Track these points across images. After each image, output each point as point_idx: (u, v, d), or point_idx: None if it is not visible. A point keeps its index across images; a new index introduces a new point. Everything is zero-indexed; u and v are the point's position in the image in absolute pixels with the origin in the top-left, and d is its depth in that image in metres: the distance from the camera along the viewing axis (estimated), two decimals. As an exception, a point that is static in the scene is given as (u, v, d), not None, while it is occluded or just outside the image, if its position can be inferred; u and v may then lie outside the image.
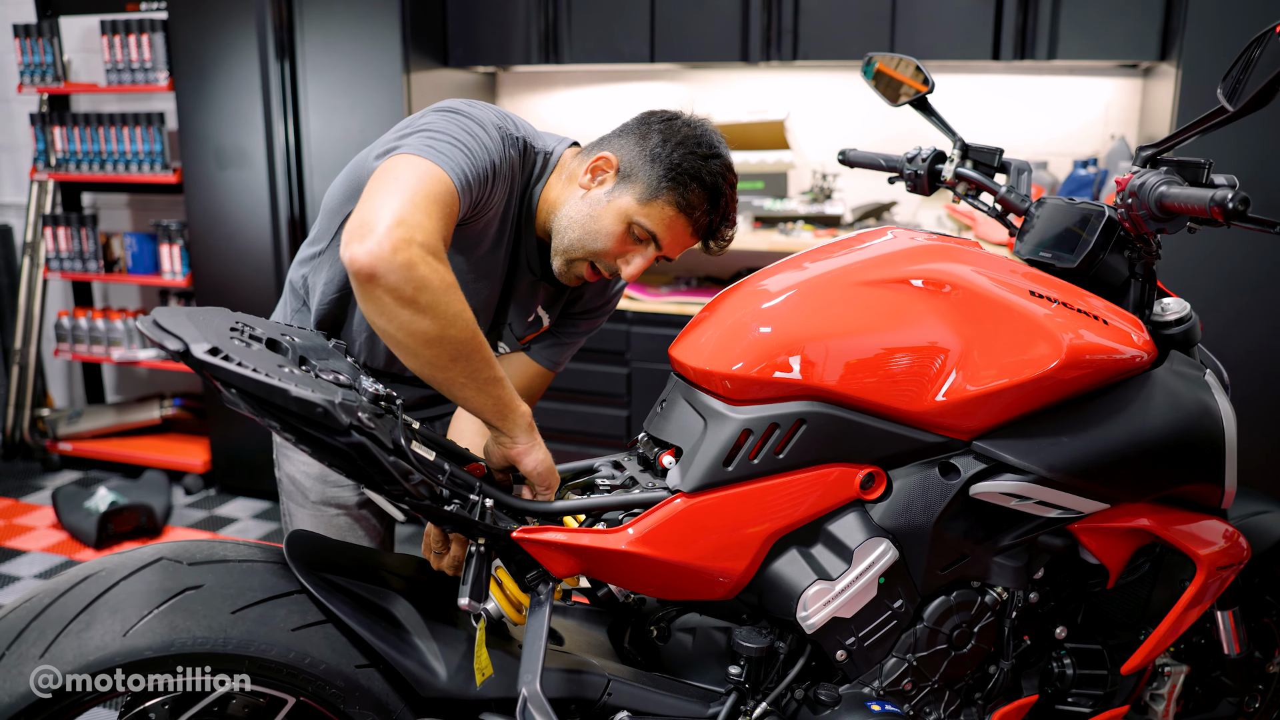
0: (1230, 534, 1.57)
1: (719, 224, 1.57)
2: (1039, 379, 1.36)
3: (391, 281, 1.22)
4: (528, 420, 1.37)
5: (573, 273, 1.60)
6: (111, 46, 4.10)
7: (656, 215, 1.52)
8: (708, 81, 3.93)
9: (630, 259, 1.55)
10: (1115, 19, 3.09)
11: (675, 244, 1.56)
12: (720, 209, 1.55)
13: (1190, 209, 1.33)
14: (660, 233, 1.53)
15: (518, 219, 1.63)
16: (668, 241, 1.54)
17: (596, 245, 1.54)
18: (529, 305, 1.73)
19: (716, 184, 1.53)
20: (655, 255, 1.56)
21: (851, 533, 1.38)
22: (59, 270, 4.45)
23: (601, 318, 1.87)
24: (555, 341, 1.83)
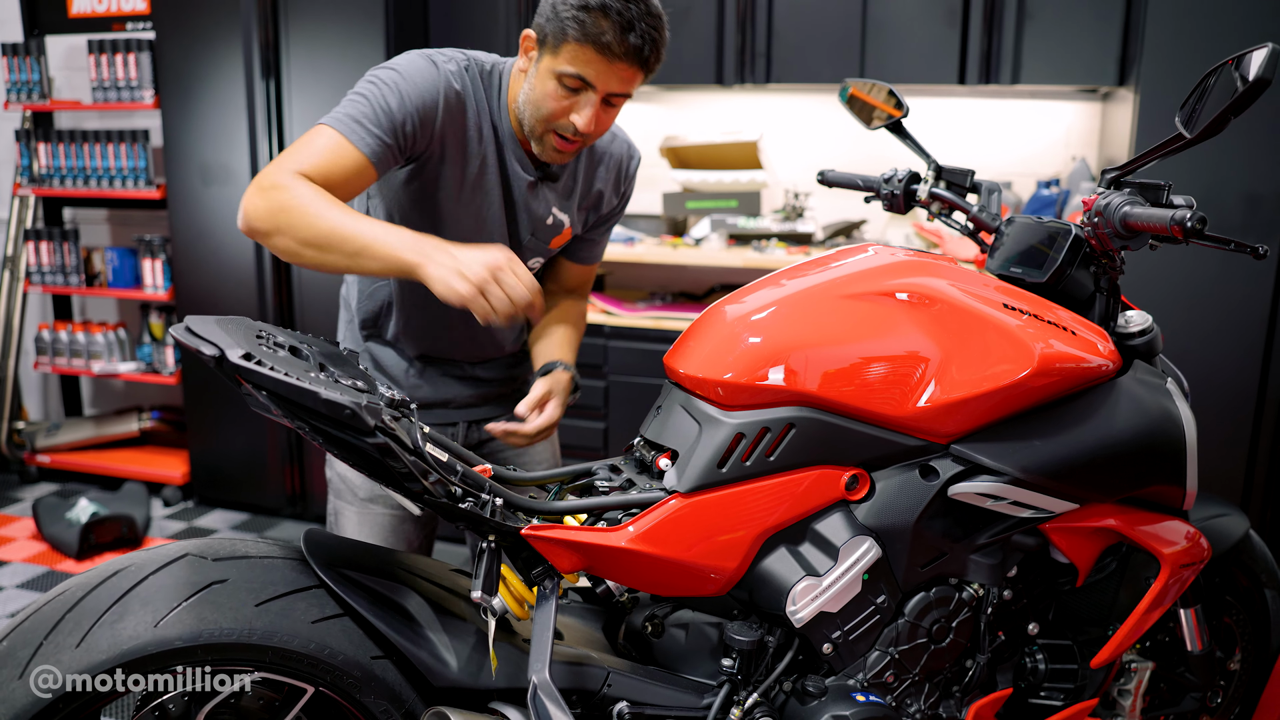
0: (1192, 535, 1.67)
1: (640, 41, 1.59)
2: (1012, 386, 1.46)
3: (249, 226, 1.52)
4: (423, 243, 1.47)
5: (548, 149, 1.71)
6: (98, 65, 4.15)
7: (570, 56, 1.60)
8: (683, 103, 4.03)
9: (579, 111, 1.64)
10: (1075, 46, 3.22)
11: (604, 77, 1.61)
12: (630, 25, 1.57)
13: (1152, 227, 1.43)
14: (582, 71, 1.60)
15: (495, 132, 1.76)
16: (594, 76, 1.60)
17: (543, 111, 1.65)
18: (541, 210, 1.84)
19: (612, 4, 1.57)
20: (597, 98, 1.63)
21: (837, 531, 1.47)
22: (40, 284, 4.48)
23: (624, 208, 2.02)
24: (587, 239, 2.01)
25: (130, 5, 4.32)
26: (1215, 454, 2.97)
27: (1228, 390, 3.00)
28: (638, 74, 1.64)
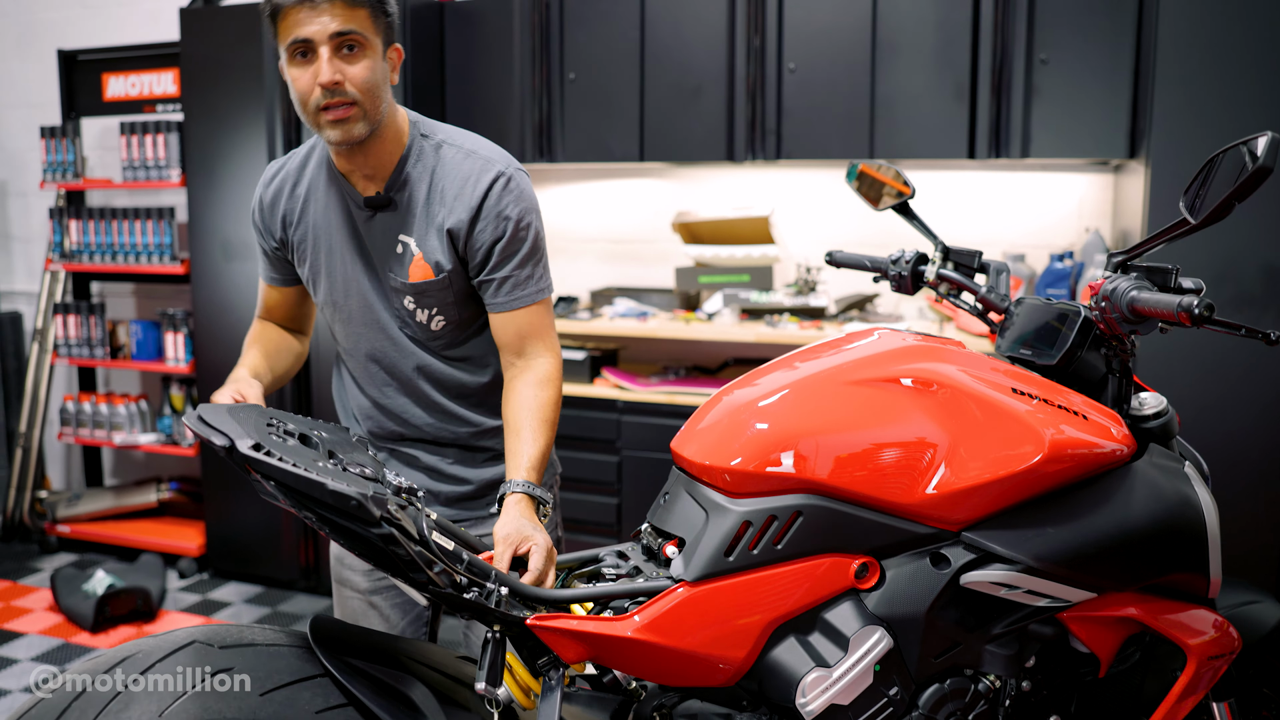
0: (1220, 623, 1.62)
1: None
2: (1023, 473, 1.44)
3: None
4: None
5: (328, 132, 1.71)
6: (129, 145, 4.27)
7: (283, 32, 1.67)
8: (695, 178, 4.08)
9: (322, 70, 1.65)
10: (1084, 119, 3.25)
11: (311, 25, 1.64)
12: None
13: (1160, 313, 1.43)
14: (298, 33, 1.65)
15: (320, 191, 1.85)
16: (308, 31, 1.64)
17: (299, 98, 1.70)
18: (384, 240, 1.81)
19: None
20: (327, 50, 1.65)
21: (847, 621, 1.45)
22: (67, 356, 4.57)
23: (509, 238, 1.79)
24: (489, 279, 1.81)
25: (161, 89, 4.45)
26: (1245, 536, 2.92)
27: (1256, 469, 2.95)
28: (340, 6, 1.65)
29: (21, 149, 5.10)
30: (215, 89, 3.95)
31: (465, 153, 1.80)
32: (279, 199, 1.89)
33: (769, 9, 3.50)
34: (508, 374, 1.83)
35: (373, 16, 1.68)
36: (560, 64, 3.77)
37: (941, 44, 3.35)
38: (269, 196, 1.90)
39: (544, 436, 1.74)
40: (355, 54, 1.67)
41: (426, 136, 1.82)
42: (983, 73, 3.33)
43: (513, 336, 1.82)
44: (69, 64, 4.58)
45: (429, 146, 1.81)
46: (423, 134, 1.82)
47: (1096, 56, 3.21)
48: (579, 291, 4.23)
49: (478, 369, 1.91)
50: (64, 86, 4.57)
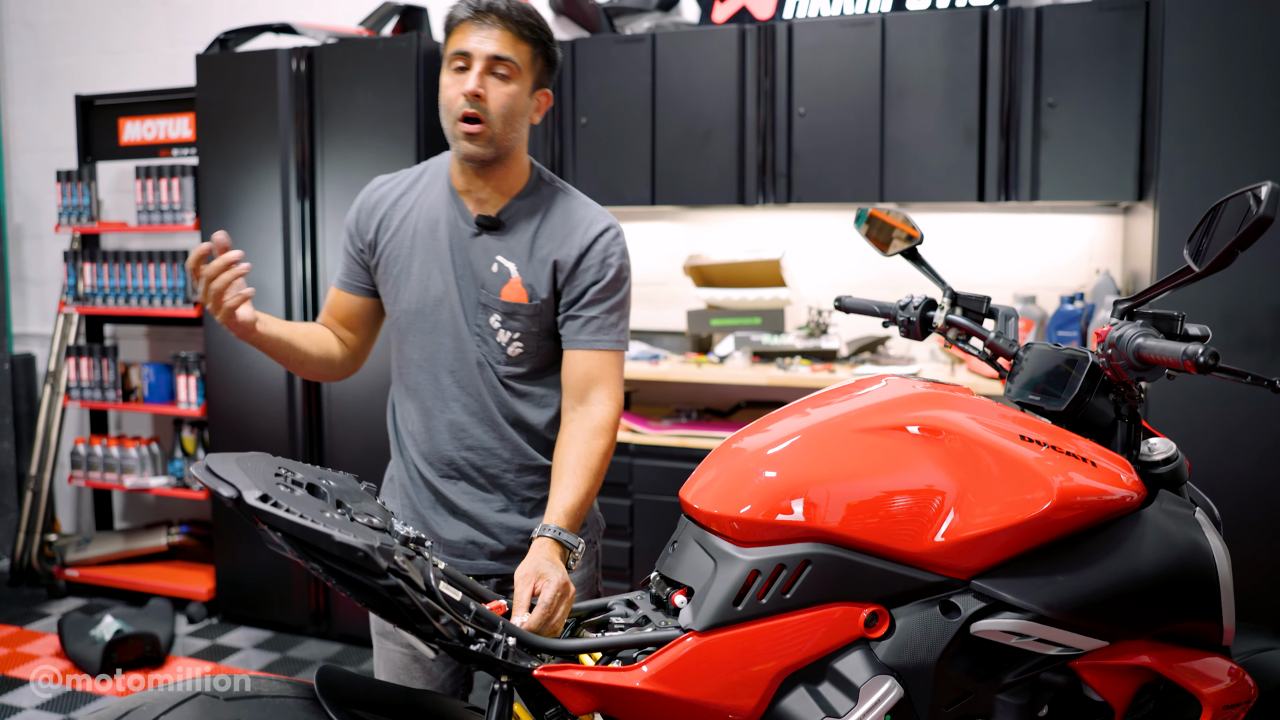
0: (1235, 671, 1.60)
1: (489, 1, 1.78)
2: (1032, 520, 1.43)
3: None
4: None
5: (461, 144, 1.82)
6: (144, 189, 4.33)
7: (451, 40, 1.81)
8: (706, 221, 4.10)
9: (469, 81, 1.78)
10: (1093, 162, 3.26)
11: (473, 41, 1.78)
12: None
13: (1166, 361, 1.43)
14: (457, 46, 1.79)
15: (431, 203, 1.94)
16: (469, 45, 1.78)
17: (445, 104, 1.82)
18: (483, 259, 1.90)
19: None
20: (481, 66, 1.78)
21: (857, 670, 1.44)
22: (79, 399, 4.58)
23: (610, 287, 1.90)
24: (574, 316, 1.90)
25: (177, 133, 4.51)
26: (1258, 580, 2.88)
27: (1266, 510, 2.93)
28: (502, 33, 1.79)
29: (37, 192, 5.17)
30: (230, 134, 4.01)
31: (582, 202, 1.95)
32: (381, 204, 1.98)
33: (779, 54, 3.53)
34: (565, 418, 1.88)
35: (532, 54, 1.83)
36: (572, 108, 3.80)
37: (950, 88, 3.37)
38: (372, 200, 1.99)
39: (585, 485, 1.78)
40: (504, 80, 1.80)
41: (547, 182, 1.96)
42: (991, 116, 3.35)
43: (580, 378, 1.88)
44: (86, 109, 4.64)
45: (547, 190, 1.94)
46: (543, 178, 1.96)
47: (1103, 100, 3.22)
48: (589, 334, 4.23)
49: (539, 406, 1.95)
50: (80, 131, 4.63)
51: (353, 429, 3.90)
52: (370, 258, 1.98)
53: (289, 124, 3.89)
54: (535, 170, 1.95)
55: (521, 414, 1.93)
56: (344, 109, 3.82)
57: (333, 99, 3.83)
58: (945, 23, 3.36)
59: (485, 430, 1.92)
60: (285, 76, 3.89)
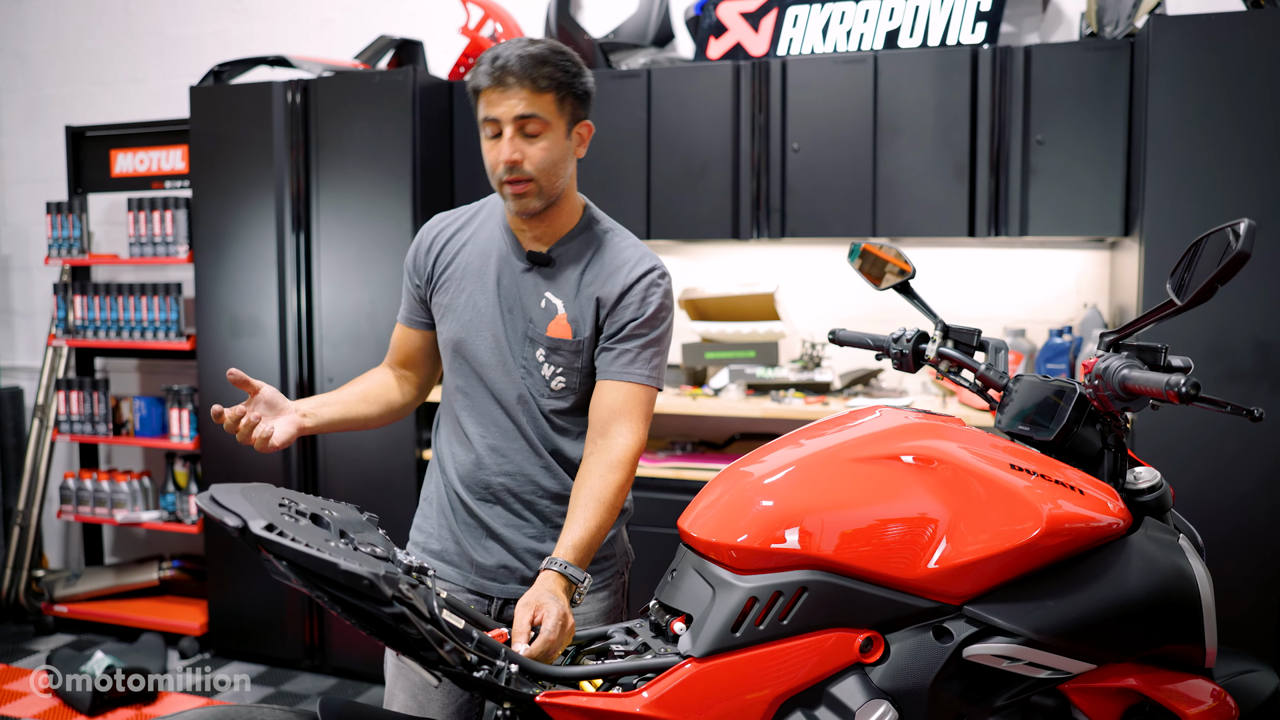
0: (1217, 693, 1.64)
1: (506, 63, 1.80)
2: (1022, 547, 1.47)
3: None
4: None
5: (511, 202, 1.88)
6: (136, 221, 4.34)
7: (479, 107, 1.86)
8: (701, 255, 4.15)
9: (503, 150, 1.83)
10: (1080, 199, 3.32)
11: (499, 106, 1.81)
12: (497, 55, 1.81)
13: (1150, 391, 1.47)
14: (486, 112, 1.83)
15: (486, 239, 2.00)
16: (496, 112, 1.82)
17: (488, 166, 1.87)
18: (532, 295, 1.96)
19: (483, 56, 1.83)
20: (508, 129, 1.82)
21: (852, 695, 1.46)
22: (69, 433, 4.57)
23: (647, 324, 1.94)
24: (607, 348, 1.94)
25: (170, 165, 4.53)
26: (1243, 608, 2.93)
27: (1250, 541, 2.97)
28: (526, 91, 1.81)
29: (26, 224, 5.16)
30: (225, 166, 4.03)
31: (630, 243, 1.99)
32: (439, 239, 2.04)
33: (773, 90, 3.59)
34: (586, 450, 1.90)
35: (558, 100, 1.84)
36: (566, 144, 3.84)
37: (941, 125, 3.43)
38: (430, 237, 2.06)
39: (597, 519, 1.79)
40: (536, 137, 1.83)
41: (597, 221, 2.00)
42: (981, 153, 3.41)
43: (604, 409, 1.90)
44: (77, 140, 4.64)
45: (597, 229, 1.99)
46: (594, 218, 2.00)
47: (1090, 138, 3.29)
48: (583, 367, 4.26)
49: (577, 439, 1.99)
50: (71, 162, 4.64)
51: (347, 461, 3.91)
52: (426, 291, 2.05)
53: (284, 157, 3.93)
54: (587, 210, 2.00)
55: (560, 446, 1.98)
56: (340, 142, 3.86)
57: (328, 132, 3.87)
58: (936, 61, 3.43)
59: (525, 458, 1.97)
60: (281, 109, 3.93)
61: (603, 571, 2.00)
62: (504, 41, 1.86)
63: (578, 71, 1.87)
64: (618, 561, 2.06)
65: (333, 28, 4.58)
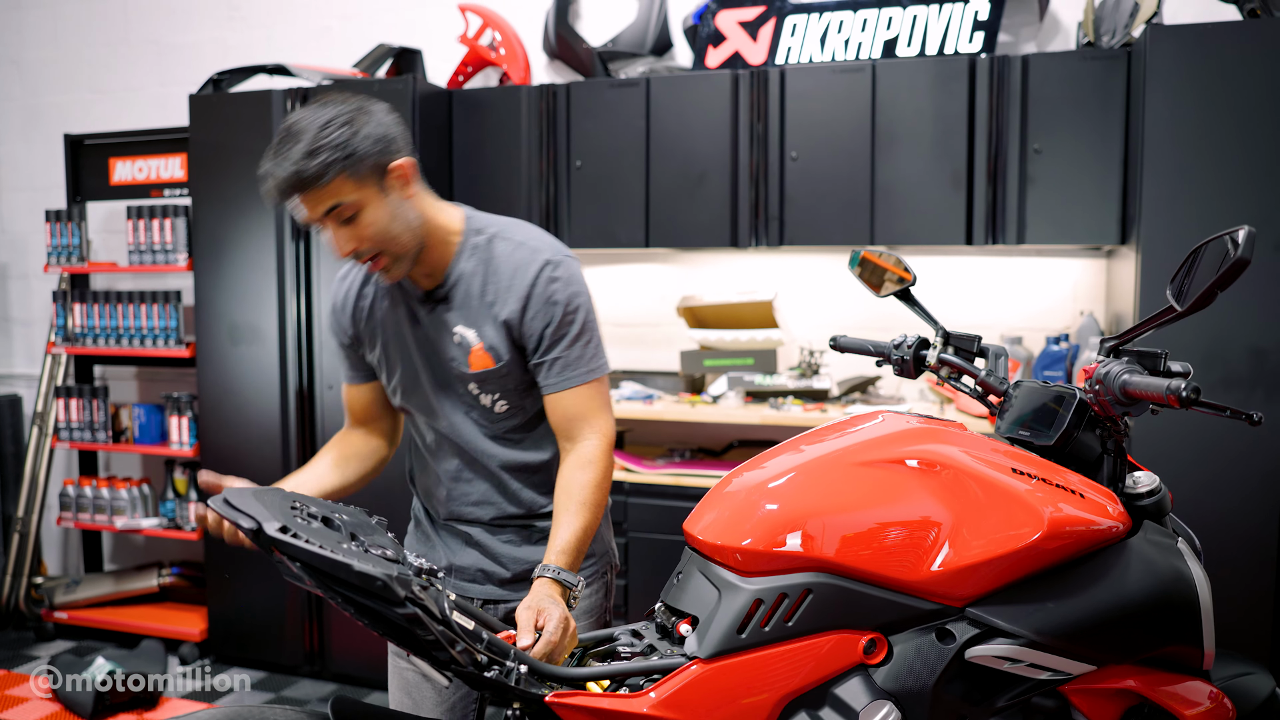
0: (1215, 695, 1.66)
1: (273, 169, 1.69)
2: (1024, 549, 1.49)
3: None
4: None
5: (384, 281, 1.87)
6: (136, 230, 4.34)
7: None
8: (699, 263, 4.17)
9: (336, 244, 1.77)
10: (1077, 207, 3.35)
11: (302, 214, 1.74)
12: (261, 176, 1.71)
13: (1150, 396, 1.49)
14: (298, 218, 1.76)
15: (386, 290, 1.96)
16: (303, 218, 1.75)
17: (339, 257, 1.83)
18: (441, 332, 1.91)
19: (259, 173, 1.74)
20: (329, 226, 1.75)
21: (856, 696, 1.48)
22: (68, 440, 4.57)
23: (558, 321, 1.87)
24: (541, 361, 1.88)
25: (169, 173, 4.54)
26: (1240, 612, 2.95)
27: (1247, 547, 3.00)
28: (314, 192, 1.70)
29: (24, 232, 5.18)
30: (224, 174, 4.05)
31: (516, 244, 1.89)
32: (349, 297, 2.01)
33: (771, 99, 3.62)
34: (560, 456, 1.91)
35: (349, 176, 1.70)
36: (567, 151, 3.87)
37: (939, 134, 3.46)
38: (340, 296, 2.03)
39: (581, 520, 1.80)
40: (354, 217, 1.74)
41: (479, 232, 1.91)
42: (979, 162, 3.43)
43: (562, 418, 1.89)
44: (75, 148, 4.66)
45: (482, 241, 1.90)
46: (476, 229, 1.91)
47: (1087, 147, 3.32)
48: (582, 374, 4.28)
49: (539, 447, 1.99)
50: (70, 170, 4.65)
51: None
52: (359, 347, 2.02)
53: (286, 167, 3.94)
54: (467, 223, 1.91)
55: (522, 460, 1.98)
56: (341, 152, 3.87)
57: (330, 142, 3.88)
58: (934, 70, 3.46)
59: (490, 486, 1.98)
60: (280, 117, 3.94)
61: (584, 570, 2.00)
62: (267, 154, 1.71)
63: (353, 130, 1.70)
64: (599, 561, 2.05)
65: (331, 36, 4.60)
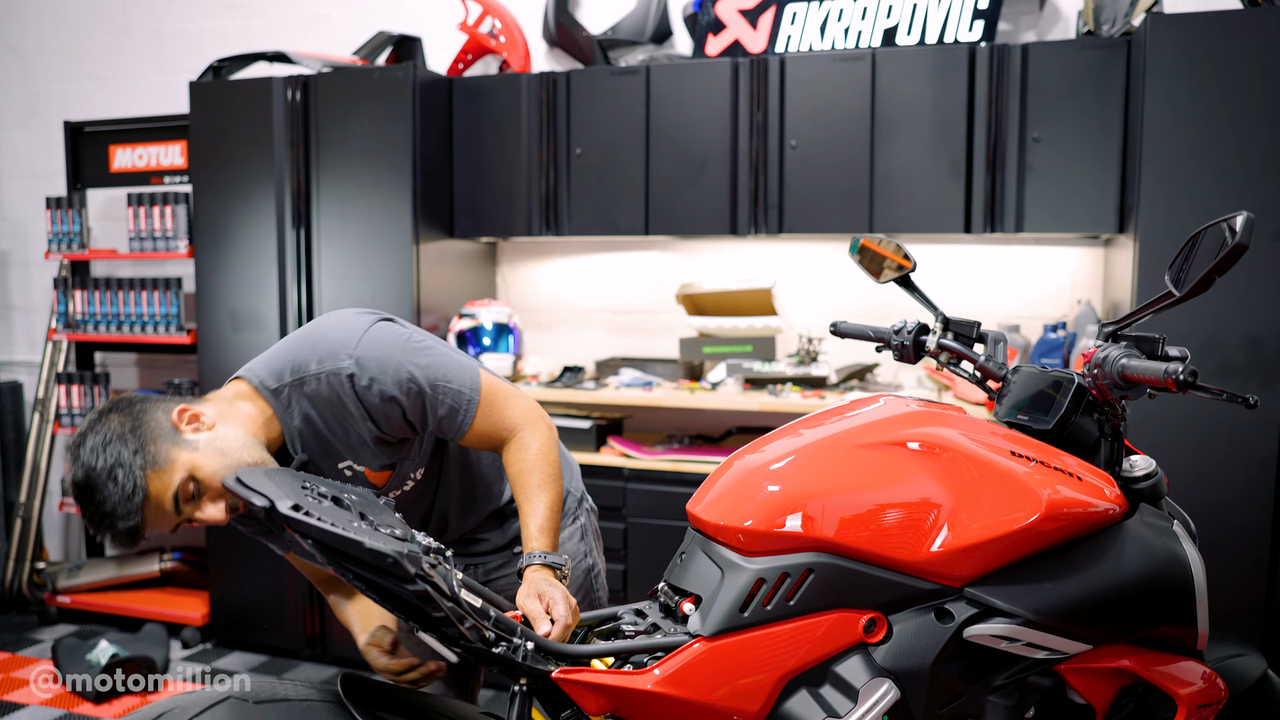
0: (1208, 675, 1.69)
1: (106, 536, 1.58)
2: (1022, 531, 1.51)
3: None
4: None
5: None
6: (136, 216, 4.35)
7: None
8: (698, 251, 4.19)
9: (213, 516, 1.65)
10: (1076, 196, 3.36)
11: (154, 532, 1.63)
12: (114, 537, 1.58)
13: (1148, 379, 1.51)
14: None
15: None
16: (163, 529, 1.64)
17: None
18: (336, 476, 1.83)
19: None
20: (196, 512, 1.63)
21: (856, 673, 1.51)
22: (69, 426, 4.58)
23: (396, 399, 1.75)
24: (429, 429, 1.83)
25: (169, 160, 4.55)
26: (1234, 595, 2.99)
27: (1241, 529, 3.03)
28: (148, 510, 1.58)
29: (24, 219, 5.19)
30: (224, 162, 4.06)
31: (317, 378, 1.73)
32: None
33: (771, 87, 3.63)
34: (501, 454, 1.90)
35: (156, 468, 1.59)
36: (567, 139, 3.89)
37: (938, 122, 3.47)
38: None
39: (543, 497, 1.79)
40: (193, 496, 1.62)
41: (279, 391, 1.75)
42: (978, 150, 3.45)
43: (481, 441, 1.86)
44: (75, 135, 4.67)
45: (293, 395, 1.75)
46: (274, 391, 1.74)
47: (1086, 135, 3.33)
48: (585, 362, 4.31)
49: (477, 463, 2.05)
50: (70, 158, 4.66)
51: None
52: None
53: (284, 152, 3.96)
54: (266, 394, 1.75)
55: (469, 482, 2.04)
56: (340, 138, 3.89)
57: (328, 128, 3.90)
58: (934, 59, 3.47)
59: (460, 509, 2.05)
60: (281, 105, 3.96)
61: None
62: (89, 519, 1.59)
63: (127, 440, 1.58)
64: (575, 504, 2.13)
65: (330, 24, 4.61)
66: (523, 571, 1.70)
